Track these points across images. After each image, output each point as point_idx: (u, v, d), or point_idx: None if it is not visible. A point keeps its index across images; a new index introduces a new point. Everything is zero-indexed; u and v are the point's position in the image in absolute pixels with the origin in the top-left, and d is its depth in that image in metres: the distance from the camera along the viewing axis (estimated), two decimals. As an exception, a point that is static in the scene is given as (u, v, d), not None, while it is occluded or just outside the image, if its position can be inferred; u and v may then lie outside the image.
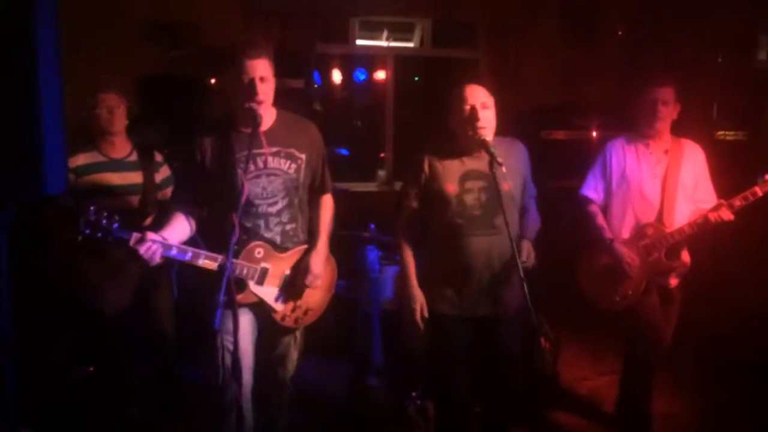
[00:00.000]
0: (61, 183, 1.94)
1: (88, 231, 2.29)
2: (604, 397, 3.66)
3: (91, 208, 2.29)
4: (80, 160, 3.04)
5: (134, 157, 3.19)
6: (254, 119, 2.42)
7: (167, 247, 2.39)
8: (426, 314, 2.66)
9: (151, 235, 2.35)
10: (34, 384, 3.17)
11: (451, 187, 2.61)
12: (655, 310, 3.17)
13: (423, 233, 2.77)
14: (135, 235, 2.34)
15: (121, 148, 3.17)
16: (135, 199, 3.12)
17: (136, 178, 3.14)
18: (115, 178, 3.09)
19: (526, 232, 2.76)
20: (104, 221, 2.30)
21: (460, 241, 2.61)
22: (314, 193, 2.79)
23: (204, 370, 2.61)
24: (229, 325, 2.44)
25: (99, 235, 2.30)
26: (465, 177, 2.62)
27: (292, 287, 2.66)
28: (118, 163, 3.13)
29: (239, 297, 2.54)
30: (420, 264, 2.77)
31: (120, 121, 3.11)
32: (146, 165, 3.19)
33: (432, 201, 2.67)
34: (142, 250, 2.32)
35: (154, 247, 2.34)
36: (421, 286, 2.70)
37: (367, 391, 3.60)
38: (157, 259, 2.37)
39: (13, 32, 1.79)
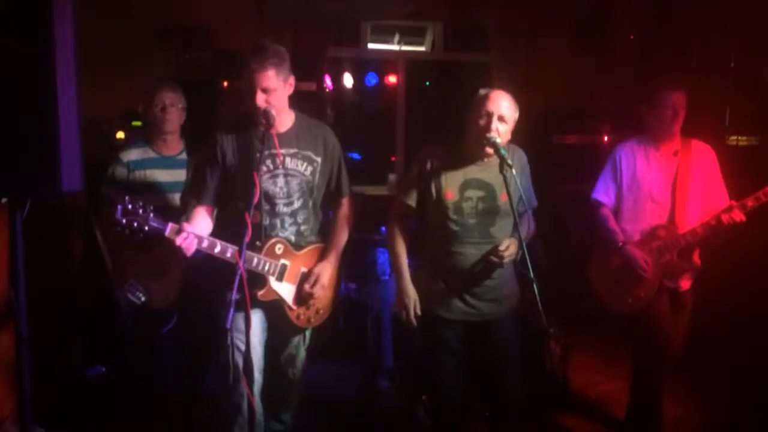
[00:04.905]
0: (77, 181, 1.96)
1: (125, 220, 2.24)
2: (615, 402, 3.63)
3: (126, 197, 2.26)
4: (133, 155, 3.10)
5: (185, 155, 3.23)
6: (267, 120, 2.45)
7: (200, 239, 2.38)
8: (419, 312, 2.66)
9: (186, 226, 2.35)
10: (50, 383, 3.19)
11: (451, 194, 2.62)
12: (666, 316, 3.16)
13: (420, 235, 2.78)
14: (171, 225, 2.32)
15: (174, 146, 3.21)
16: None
17: (183, 176, 3.14)
18: (163, 175, 3.13)
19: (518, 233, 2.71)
20: (141, 210, 2.26)
21: (455, 248, 2.63)
22: (332, 196, 2.82)
23: (214, 370, 2.61)
24: (241, 324, 2.47)
25: (135, 224, 2.25)
26: (466, 185, 2.62)
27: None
28: (167, 160, 3.17)
29: (260, 294, 2.56)
30: (416, 264, 2.78)
31: (173, 120, 3.15)
32: None
33: (430, 205, 2.67)
34: (178, 240, 2.31)
35: (190, 237, 2.34)
36: (416, 285, 2.70)
37: (377, 394, 3.60)
38: (192, 250, 2.36)
39: (30, 32, 1.82)
